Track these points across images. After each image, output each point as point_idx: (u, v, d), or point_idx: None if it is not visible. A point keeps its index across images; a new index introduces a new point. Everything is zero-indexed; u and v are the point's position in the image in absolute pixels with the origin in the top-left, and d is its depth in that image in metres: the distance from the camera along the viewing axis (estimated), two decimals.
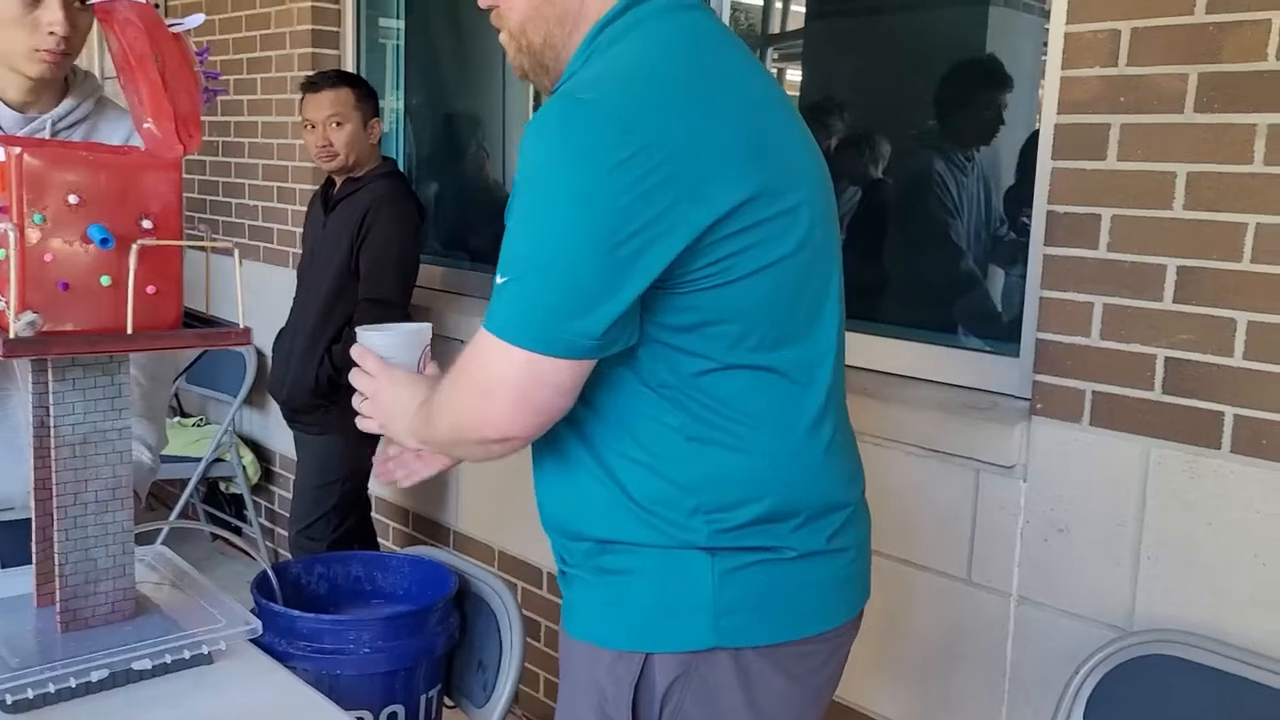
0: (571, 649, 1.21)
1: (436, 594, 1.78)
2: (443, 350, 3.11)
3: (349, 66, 3.39)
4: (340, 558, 1.91)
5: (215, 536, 3.86)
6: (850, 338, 2.10)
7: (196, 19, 1.33)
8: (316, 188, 3.05)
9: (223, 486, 3.86)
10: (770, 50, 2.67)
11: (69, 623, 1.29)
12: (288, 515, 3.63)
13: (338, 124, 2.67)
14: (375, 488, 3.02)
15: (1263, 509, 1.56)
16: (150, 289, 1.27)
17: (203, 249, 1.38)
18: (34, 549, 1.34)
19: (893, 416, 1.96)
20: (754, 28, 2.69)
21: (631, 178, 0.99)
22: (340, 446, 2.69)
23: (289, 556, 2.97)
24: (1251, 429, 1.56)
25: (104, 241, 1.22)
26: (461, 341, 2.87)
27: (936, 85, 2.23)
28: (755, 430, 1.11)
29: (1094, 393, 1.71)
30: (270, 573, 1.72)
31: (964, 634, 1.91)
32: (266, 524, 3.81)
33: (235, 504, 3.86)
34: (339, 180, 2.75)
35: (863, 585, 1.25)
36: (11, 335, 1.17)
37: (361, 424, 1.34)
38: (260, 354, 3.65)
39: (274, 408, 3.60)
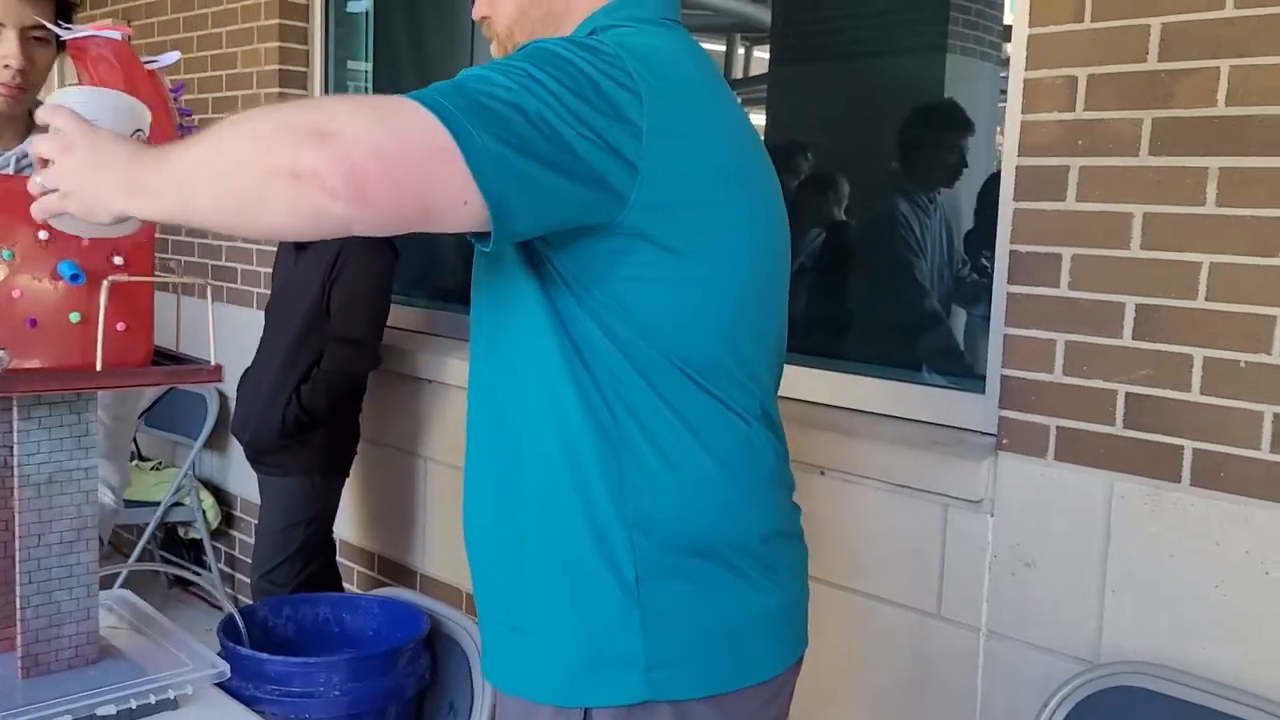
0: (507, 705, 1.17)
1: (406, 635, 1.76)
2: (411, 389, 3.09)
3: None
4: (308, 599, 1.88)
5: (173, 583, 3.78)
6: (817, 375, 2.15)
7: (172, 56, 1.33)
8: None
9: (181, 532, 3.79)
10: (734, 94, 2.72)
11: (30, 668, 1.27)
12: (248, 560, 3.57)
13: None
14: (340, 531, 2.98)
15: (1222, 540, 1.59)
16: (120, 326, 1.26)
17: (172, 285, 1.37)
18: None
19: (861, 453, 1.98)
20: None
21: (613, 94, 0.98)
22: (305, 488, 2.67)
23: (249, 603, 2.92)
24: (1210, 462, 1.60)
25: (74, 277, 1.21)
26: (431, 382, 2.90)
27: (899, 129, 2.28)
28: (694, 452, 1.09)
29: (1058, 428, 1.74)
30: (237, 615, 1.69)
31: (934, 669, 1.92)
32: (226, 570, 3.75)
33: (194, 550, 3.79)
34: None
35: (801, 629, 1.22)
36: None
37: (36, 208, 1.07)
38: (222, 396, 3.61)
39: (235, 451, 3.55)
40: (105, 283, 1.21)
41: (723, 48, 2.78)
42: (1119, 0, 1.63)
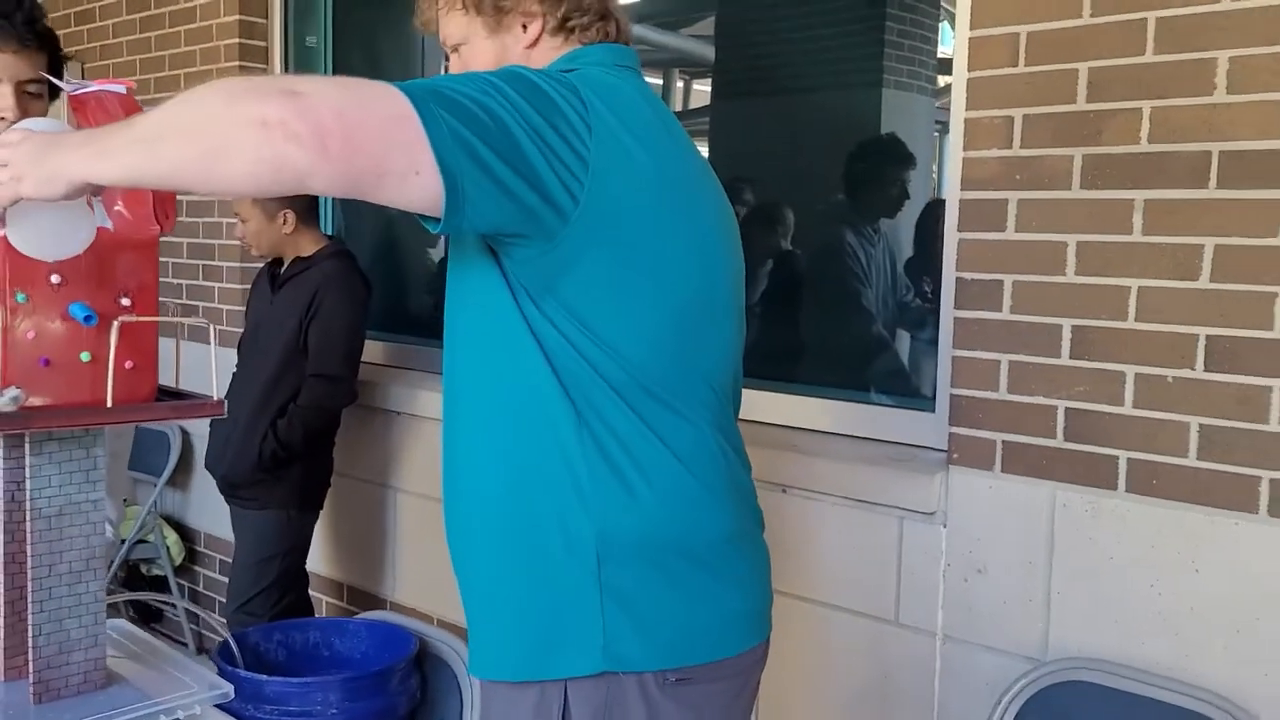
0: (490, 696, 1.25)
1: (395, 656, 1.81)
2: (383, 422, 3.13)
3: None
4: (297, 624, 1.93)
5: (136, 621, 3.76)
6: (777, 398, 2.26)
7: None
8: (249, 266, 3.08)
9: (144, 569, 3.77)
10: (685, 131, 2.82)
11: (42, 694, 1.31)
12: (212, 596, 3.58)
13: (242, 220, 2.75)
14: (309, 562, 3.01)
15: (1157, 543, 1.72)
16: (128, 364, 1.32)
17: (178, 324, 1.44)
18: (1, 623, 1.36)
19: (821, 471, 2.08)
20: None
21: (570, 118, 1.06)
22: (281, 522, 2.70)
23: (216, 638, 2.94)
24: (1143, 470, 1.72)
25: (88, 319, 1.27)
26: (400, 414, 2.95)
27: (841, 162, 2.40)
28: (666, 460, 1.17)
29: (1004, 442, 1.86)
30: (231, 641, 1.74)
31: (894, 674, 2.02)
32: (189, 606, 3.74)
33: (157, 587, 3.77)
34: (287, 259, 2.80)
35: (761, 619, 1.30)
36: None
37: None
38: (185, 433, 3.62)
39: (198, 487, 3.56)
40: (116, 323, 1.27)
41: (661, 81, 2.89)
42: (1050, 46, 1.77)
